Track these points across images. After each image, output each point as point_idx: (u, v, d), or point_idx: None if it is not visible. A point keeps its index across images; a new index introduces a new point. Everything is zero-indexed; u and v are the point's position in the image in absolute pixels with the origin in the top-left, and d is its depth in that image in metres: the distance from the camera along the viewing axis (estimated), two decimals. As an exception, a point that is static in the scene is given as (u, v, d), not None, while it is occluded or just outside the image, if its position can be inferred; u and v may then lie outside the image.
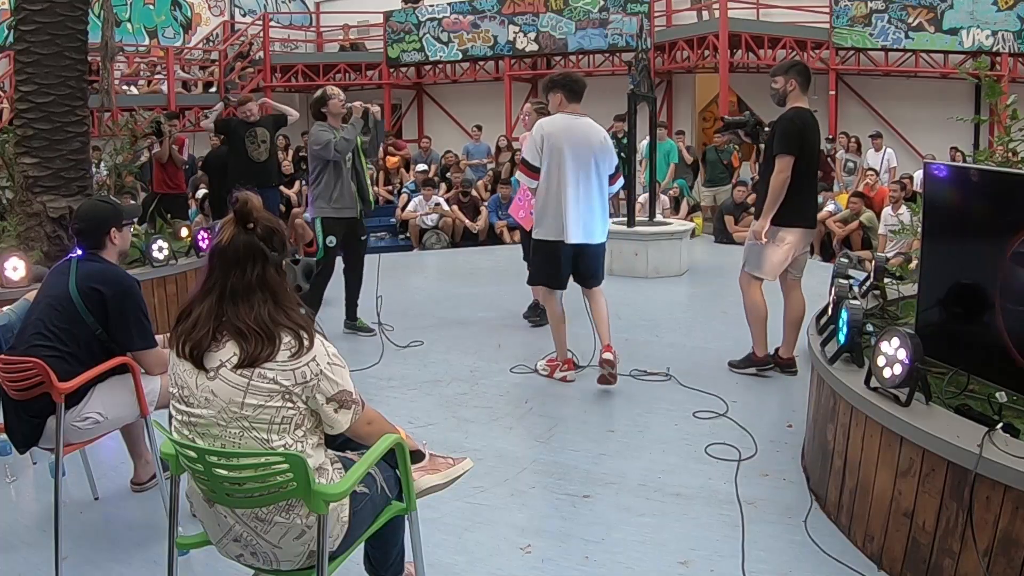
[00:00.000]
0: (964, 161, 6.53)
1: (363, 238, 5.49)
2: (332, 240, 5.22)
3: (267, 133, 7.27)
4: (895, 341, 2.56)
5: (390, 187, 12.50)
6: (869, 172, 10.27)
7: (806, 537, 2.80)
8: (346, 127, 5.15)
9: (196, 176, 10.32)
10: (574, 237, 4.33)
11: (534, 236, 4.51)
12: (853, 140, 11.15)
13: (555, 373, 4.61)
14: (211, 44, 15.64)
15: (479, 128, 13.09)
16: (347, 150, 5.11)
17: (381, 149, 12.78)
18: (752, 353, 4.62)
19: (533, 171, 4.37)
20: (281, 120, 7.47)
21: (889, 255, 5.57)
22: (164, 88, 13.43)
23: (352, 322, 5.60)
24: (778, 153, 4.22)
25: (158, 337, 2.89)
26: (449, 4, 14.38)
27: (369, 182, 5.51)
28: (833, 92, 12.07)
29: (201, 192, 9.89)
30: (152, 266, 5.39)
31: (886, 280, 3.94)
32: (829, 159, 11.44)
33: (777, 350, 4.62)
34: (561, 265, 4.41)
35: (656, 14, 13.27)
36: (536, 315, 5.75)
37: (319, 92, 5.31)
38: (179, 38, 15.53)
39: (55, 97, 5.28)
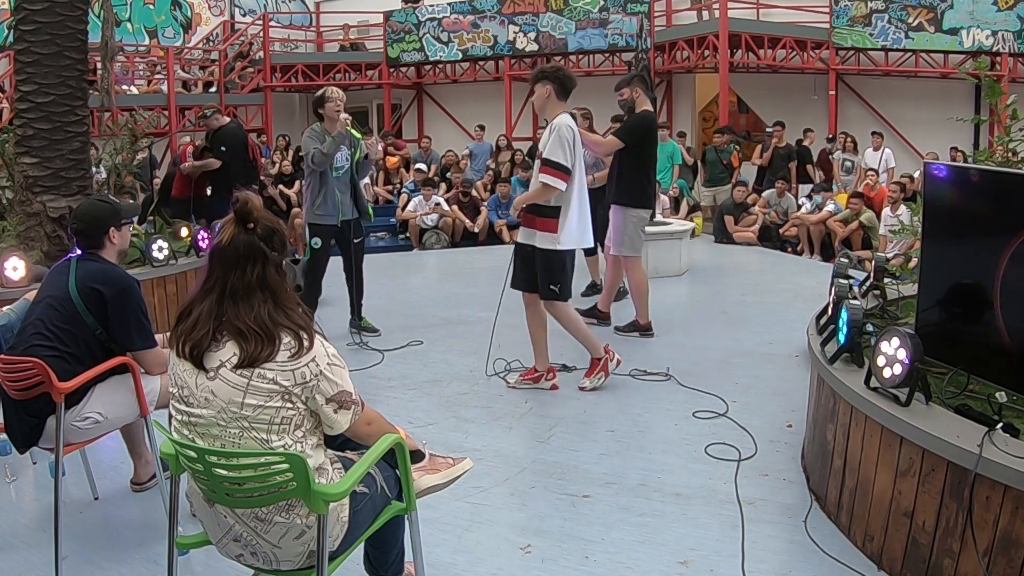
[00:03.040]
0: (964, 161, 6.54)
1: (356, 240, 5.46)
2: (317, 242, 5.29)
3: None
4: (895, 341, 2.56)
5: (390, 187, 12.50)
6: (869, 172, 10.25)
7: (806, 537, 2.80)
8: (327, 141, 5.12)
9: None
10: (589, 241, 4.28)
11: (562, 247, 4.06)
12: (850, 140, 11.13)
13: (541, 382, 4.39)
14: (211, 44, 15.63)
15: (482, 128, 13.07)
16: (323, 163, 5.11)
17: (381, 149, 12.81)
18: (636, 320, 5.42)
19: (566, 172, 3.98)
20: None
21: (889, 255, 5.57)
22: (164, 88, 13.43)
23: (358, 321, 5.60)
24: (618, 134, 5.13)
25: (158, 337, 2.88)
26: (449, 4, 14.37)
27: (365, 191, 5.53)
28: (833, 92, 12.06)
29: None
30: (152, 266, 5.39)
31: (886, 280, 3.94)
32: (828, 158, 11.44)
33: (597, 306, 5.71)
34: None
35: (656, 14, 13.24)
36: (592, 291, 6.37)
37: (320, 91, 5.33)
38: (179, 38, 15.52)
39: (55, 97, 5.28)
